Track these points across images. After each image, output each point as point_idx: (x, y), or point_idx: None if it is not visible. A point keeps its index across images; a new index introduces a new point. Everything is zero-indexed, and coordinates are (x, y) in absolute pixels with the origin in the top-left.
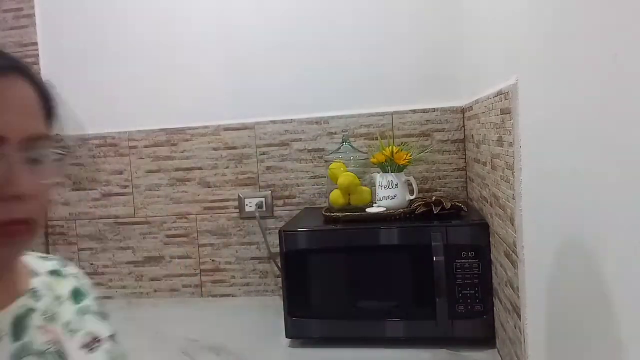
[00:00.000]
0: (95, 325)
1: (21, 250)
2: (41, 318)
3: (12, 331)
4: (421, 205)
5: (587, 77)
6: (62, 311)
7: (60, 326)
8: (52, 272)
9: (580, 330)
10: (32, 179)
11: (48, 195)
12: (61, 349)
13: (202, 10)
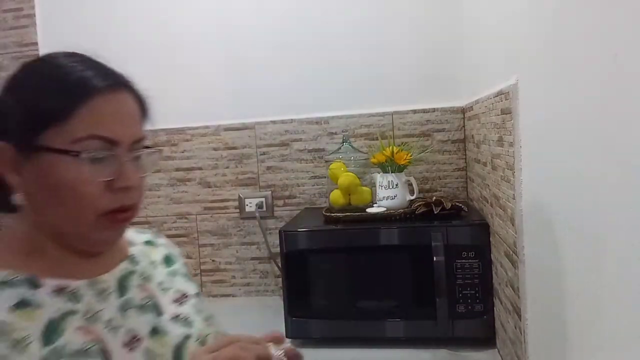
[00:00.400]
0: (183, 285)
1: (124, 231)
2: (139, 279)
3: (117, 289)
4: (421, 205)
5: (587, 77)
6: (155, 273)
7: (154, 285)
8: (147, 242)
9: (580, 330)
10: (136, 173)
11: (144, 187)
12: (156, 302)
13: (202, 10)
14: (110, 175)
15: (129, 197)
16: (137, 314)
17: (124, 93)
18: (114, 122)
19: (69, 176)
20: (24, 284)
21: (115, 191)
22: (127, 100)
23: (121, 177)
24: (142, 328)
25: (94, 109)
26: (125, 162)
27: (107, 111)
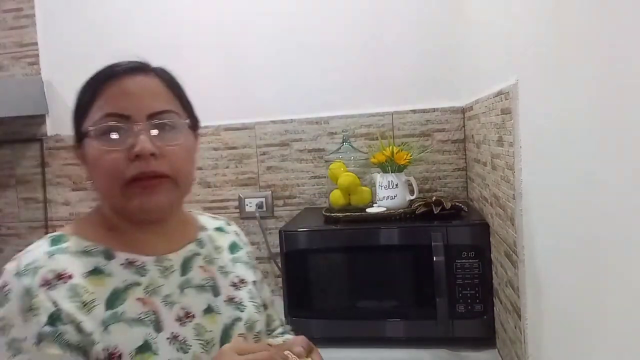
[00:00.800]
0: (243, 271)
1: (166, 200)
2: (203, 261)
3: (181, 268)
4: (421, 205)
5: (587, 77)
6: (219, 258)
7: (216, 268)
8: (217, 229)
9: (580, 330)
10: (155, 142)
11: (179, 155)
12: (215, 284)
13: (203, 10)
14: (124, 146)
15: (147, 165)
16: (195, 292)
17: (140, 75)
18: (125, 100)
19: (92, 153)
20: (101, 255)
21: (134, 160)
22: (144, 80)
23: (134, 146)
24: (197, 306)
25: (109, 91)
26: (139, 132)
27: (120, 91)
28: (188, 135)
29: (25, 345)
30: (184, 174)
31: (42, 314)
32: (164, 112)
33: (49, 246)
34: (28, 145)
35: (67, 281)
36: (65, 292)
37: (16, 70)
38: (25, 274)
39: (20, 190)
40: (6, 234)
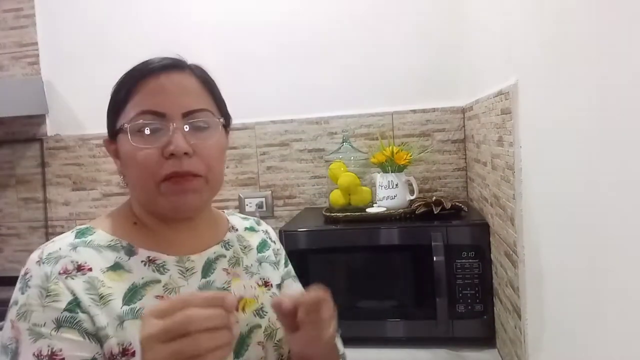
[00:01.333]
0: (269, 272)
1: (197, 199)
2: (227, 263)
3: (202, 270)
4: (421, 205)
5: (587, 77)
6: (246, 257)
7: (240, 269)
8: (247, 228)
9: (580, 330)
10: (189, 141)
11: (212, 155)
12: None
13: (202, 10)
14: (159, 144)
15: (181, 164)
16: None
17: (176, 72)
18: (160, 97)
19: (127, 149)
20: (123, 250)
21: (168, 159)
22: (179, 78)
23: (169, 144)
24: None
25: (145, 88)
26: (174, 131)
27: (155, 88)
28: (221, 134)
29: (45, 331)
30: (216, 173)
31: (61, 301)
32: (199, 110)
33: (74, 238)
34: (28, 145)
35: (86, 273)
36: (82, 284)
37: (16, 70)
38: (46, 262)
39: (20, 190)
40: (6, 234)
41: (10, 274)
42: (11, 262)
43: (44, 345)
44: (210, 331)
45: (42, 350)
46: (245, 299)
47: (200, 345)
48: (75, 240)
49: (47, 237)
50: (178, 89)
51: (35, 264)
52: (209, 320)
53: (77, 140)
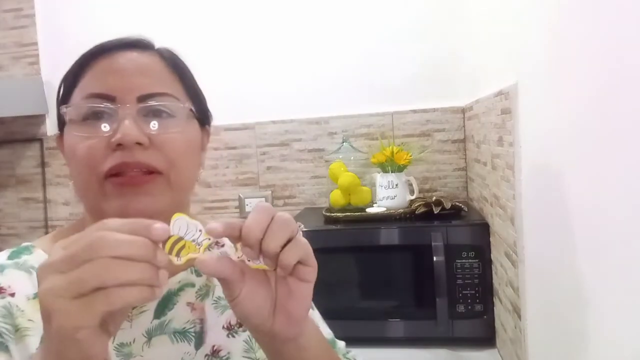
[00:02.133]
0: None
1: (155, 203)
2: (194, 294)
3: (157, 307)
4: (421, 205)
5: (587, 77)
6: (219, 285)
7: (209, 303)
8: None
9: (580, 330)
10: (144, 129)
11: (176, 148)
12: (202, 329)
13: (203, 11)
14: (106, 133)
15: (132, 155)
16: (168, 342)
17: (136, 51)
18: (112, 78)
19: (68, 141)
20: None
21: (115, 150)
22: (139, 57)
23: (116, 132)
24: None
25: (94, 70)
26: (124, 116)
27: (106, 68)
28: (189, 125)
29: None
30: (181, 171)
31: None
32: (160, 94)
33: (5, 258)
34: (28, 145)
35: (6, 297)
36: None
37: (16, 70)
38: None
39: (20, 190)
40: (6, 234)
41: None
42: None
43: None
44: (123, 260)
45: None
46: (184, 241)
47: (106, 274)
48: (5, 262)
49: None
50: (134, 69)
51: None
52: (123, 246)
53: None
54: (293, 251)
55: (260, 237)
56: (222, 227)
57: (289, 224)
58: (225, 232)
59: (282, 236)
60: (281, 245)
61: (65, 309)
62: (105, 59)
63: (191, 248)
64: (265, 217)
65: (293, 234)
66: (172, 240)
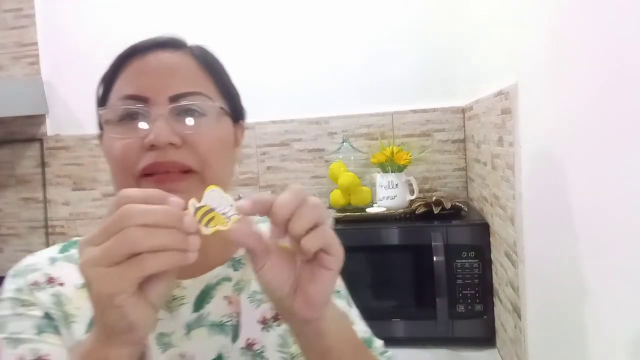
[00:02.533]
0: None
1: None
2: (231, 288)
3: (196, 300)
4: (421, 205)
5: (587, 77)
6: (254, 280)
7: (246, 296)
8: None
9: (580, 330)
10: (176, 129)
11: (208, 147)
12: (238, 322)
13: (203, 11)
14: (140, 134)
15: (165, 154)
16: (206, 334)
17: (168, 51)
18: (144, 79)
19: (106, 140)
20: None
21: (149, 151)
22: (171, 57)
23: (149, 133)
24: (203, 354)
25: (127, 71)
26: (156, 117)
27: (139, 69)
28: (222, 123)
29: (25, 336)
30: (215, 170)
31: (36, 310)
32: (190, 94)
33: (57, 252)
34: (28, 145)
35: (55, 287)
36: (50, 297)
37: (16, 70)
38: (19, 275)
39: (20, 190)
40: (6, 234)
41: None
42: (11, 262)
43: (26, 350)
44: (151, 227)
45: (24, 356)
46: (214, 213)
47: (136, 241)
48: (57, 255)
49: (47, 237)
50: (166, 69)
51: (9, 277)
52: (148, 214)
53: (77, 140)
54: (316, 238)
55: (287, 218)
56: (251, 204)
57: (317, 210)
58: (254, 209)
59: (309, 220)
60: (306, 229)
61: (101, 276)
62: (138, 60)
63: (220, 221)
64: (295, 199)
65: (320, 221)
66: (203, 211)
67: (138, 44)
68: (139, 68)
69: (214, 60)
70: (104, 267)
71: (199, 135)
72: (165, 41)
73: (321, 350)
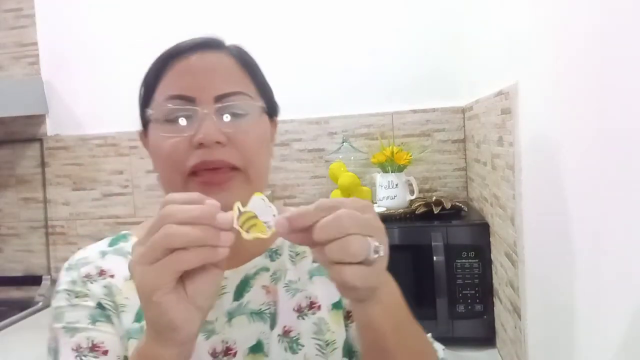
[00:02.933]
0: (320, 289)
1: (234, 199)
2: (269, 278)
3: (236, 290)
4: (421, 205)
5: (587, 77)
6: (293, 269)
7: (282, 285)
8: None
9: (580, 330)
10: (222, 129)
11: (251, 145)
12: (276, 310)
13: (203, 11)
14: (189, 132)
15: (212, 153)
16: (246, 322)
17: (210, 52)
18: (190, 79)
19: (153, 140)
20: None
21: (198, 149)
22: (213, 58)
23: (198, 132)
24: (243, 340)
25: (172, 71)
26: (204, 117)
27: (184, 70)
28: (262, 122)
29: (81, 325)
30: (257, 166)
31: (90, 300)
32: (234, 94)
33: (107, 245)
34: (28, 145)
35: (106, 279)
36: (102, 289)
37: (16, 70)
38: (73, 268)
39: (20, 190)
40: (6, 234)
41: (10, 274)
42: (11, 262)
43: (82, 338)
44: (185, 225)
45: (80, 343)
46: (257, 220)
47: (171, 237)
48: (106, 248)
49: (47, 237)
50: (210, 70)
51: (63, 270)
52: (182, 213)
53: (77, 140)
54: (339, 251)
55: (327, 241)
56: (288, 226)
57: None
58: (292, 229)
59: (349, 250)
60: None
61: (142, 274)
62: (181, 60)
63: (261, 228)
64: (336, 223)
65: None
66: (247, 216)
67: (180, 45)
68: (183, 69)
69: (251, 59)
70: (146, 264)
71: (242, 133)
72: (206, 42)
73: (373, 338)
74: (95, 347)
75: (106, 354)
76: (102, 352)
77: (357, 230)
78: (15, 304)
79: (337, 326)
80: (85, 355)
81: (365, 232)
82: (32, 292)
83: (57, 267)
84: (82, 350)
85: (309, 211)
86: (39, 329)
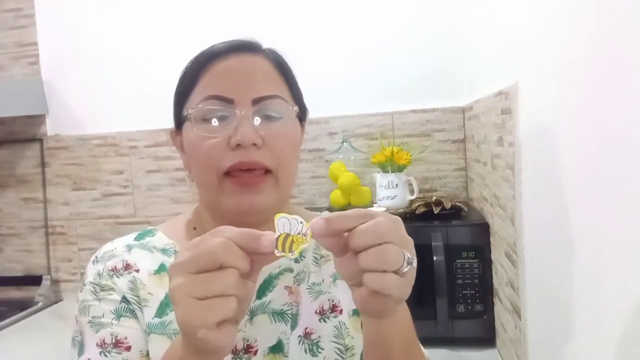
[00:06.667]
0: (342, 294)
1: (265, 200)
2: (292, 279)
3: (259, 289)
4: (421, 205)
5: (587, 77)
6: (317, 271)
7: (305, 287)
8: None
9: (580, 330)
10: (258, 131)
11: (284, 149)
12: (298, 311)
13: (202, 11)
14: (226, 133)
15: (248, 154)
16: (267, 321)
17: (248, 54)
18: (229, 81)
19: (190, 139)
20: (174, 255)
21: (234, 150)
22: (252, 60)
23: (236, 134)
24: (264, 339)
25: (211, 72)
26: (242, 119)
27: (224, 71)
28: (295, 126)
29: (105, 321)
30: (287, 169)
31: (115, 294)
32: (271, 97)
33: (133, 239)
34: (28, 145)
35: (132, 273)
36: (127, 283)
37: (16, 70)
38: (100, 261)
39: (20, 190)
40: (6, 234)
41: (10, 274)
42: (11, 262)
43: (106, 334)
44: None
45: (105, 339)
46: (292, 236)
47: (230, 286)
48: (132, 242)
49: (47, 237)
50: (248, 73)
51: (90, 263)
52: (240, 239)
53: (77, 140)
54: (374, 258)
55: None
56: (325, 227)
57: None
58: (327, 233)
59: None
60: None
61: (189, 307)
62: (220, 62)
63: (299, 240)
64: (374, 229)
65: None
66: (282, 238)
67: (218, 46)
68: (222, 70)
69: (285, 63)
70: (194, 298)
71: (277, 136)
72: (244, 44)
73: (382, 355)
74: (118, 343)
75: (129, 350)
76: (125, 348)
77: (394, 239)
78: (15, 304)
79: (356, 332)
80: (109, 351)
81: (400, 243)
82: (32, 292)
83: (57, 267)
84: (106, 347)
85: (348, 216)
86: (39, 329)
